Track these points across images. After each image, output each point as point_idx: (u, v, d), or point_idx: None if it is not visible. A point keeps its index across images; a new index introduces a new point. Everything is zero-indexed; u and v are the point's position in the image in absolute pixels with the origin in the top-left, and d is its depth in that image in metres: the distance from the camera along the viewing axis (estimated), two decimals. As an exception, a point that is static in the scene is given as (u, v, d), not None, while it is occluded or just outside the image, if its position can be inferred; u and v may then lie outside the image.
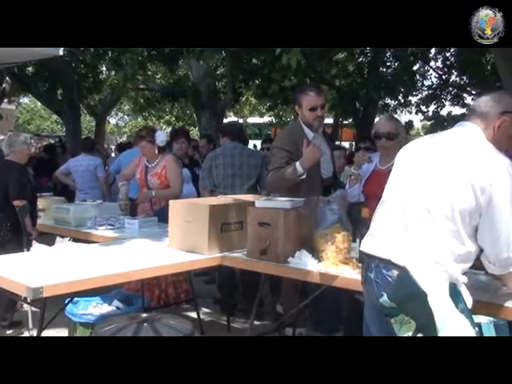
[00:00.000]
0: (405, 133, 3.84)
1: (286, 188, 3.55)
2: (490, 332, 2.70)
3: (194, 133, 18.21)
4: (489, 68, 9.77)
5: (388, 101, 13.24)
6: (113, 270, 2.79)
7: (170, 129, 19.22)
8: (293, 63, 4.63)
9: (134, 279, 3.35)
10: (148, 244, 3.52)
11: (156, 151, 4.61)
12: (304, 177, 3.51)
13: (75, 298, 3.66)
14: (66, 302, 3.46)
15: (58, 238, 3.81)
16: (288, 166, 3.52)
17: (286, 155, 3.57)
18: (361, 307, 2.45)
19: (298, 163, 3.46)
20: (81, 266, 2.82)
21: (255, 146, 13.36)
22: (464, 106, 13.36)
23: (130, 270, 2.86)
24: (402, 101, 13.32)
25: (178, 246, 3.32)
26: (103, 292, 3.75)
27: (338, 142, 14.40)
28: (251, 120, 22.24)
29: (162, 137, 4.61)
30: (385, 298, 1.96)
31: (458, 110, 13.46)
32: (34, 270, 2.76)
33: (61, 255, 3.18)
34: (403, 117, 14.83)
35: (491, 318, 2.66)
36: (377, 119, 15.40)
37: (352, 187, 3.71)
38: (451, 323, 1.79)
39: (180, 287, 4.76)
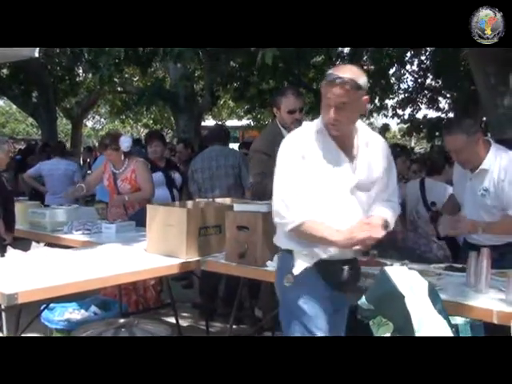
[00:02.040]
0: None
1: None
2: (466, 333, 2.74)
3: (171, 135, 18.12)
4: (462, 70, 9.91)
5: (365, 104, 13.35)
6: (89, 276, 2.76)
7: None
8: (268, 61, 4.63)
9: (111, 284, 3.32)
10: (125, 249, 3.49)
11: (122, 157, 4.55)
12: None
13: (51, 304, 3.61)
14: (42, 308, 3.41)
15: (34, 243, 3.76)
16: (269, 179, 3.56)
17: (265, 158, 3.57)
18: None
19: None
20: (57, 272, 2.79)
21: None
22: (439, 109, 13.54)
23: (107, 276, 2.83)
24: (379, 104, 13.45)
25: (155, 251, 3.30)
26: (80, 298, 3.71)
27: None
28: (229, 123, 22.22)
29: (126, 142, 4.53)
30: (363, 300, 1.97)
31: (433, 114, 13.63)
32: (9, 275, 2.72)
33: (36, 261, 3.14)
34: (380, 120, 14.97)
35: (468, 319, 2.70)
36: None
37: None
38: (428, 324, 1.81)
39: (158, 292, 4.73)
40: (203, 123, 13.87)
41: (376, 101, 13.15)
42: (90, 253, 3.36)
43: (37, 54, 4.05)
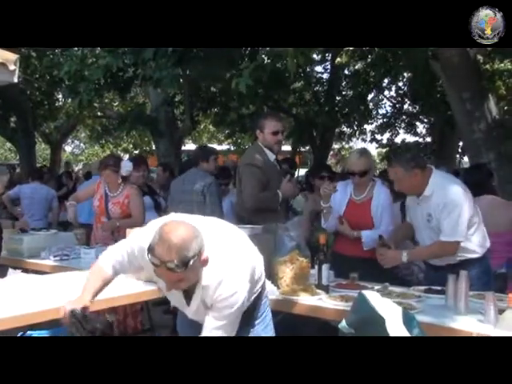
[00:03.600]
0: (374, 164, 4.02)
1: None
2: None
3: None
4: (438, 95, 10.11)
5: (344, 129, 13.52)
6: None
7: (127, 157, 19.04)
8: (242, 88, 4.70)
9: (90, 311, 3.26)
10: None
11: (119, 180, 4.54)
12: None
13: (28, 332, 3.53)
14: (19, 335, 3.34)
15: (11, 270, 3.69)
16: (270, 193, 3.88)
17: (257, 171, 3.83)
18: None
19: (280, 192, 3.89)
20: (33, 299, 2.74)
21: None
22: (416, 133, 13.76)
23: (86, 301, 2.78)
24: (357, 129, 13.62)
25: (135, 276, 3.26)
26: (57, 325, 3.63)
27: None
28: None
29: (127, 167, 4.55)
30: (343, 323, 1.97)
31: (411, 138, 13.85)
32: (-16, 303, 2.67)
33: (12, 287, 3.08)
34: (359, 144, 15.13)
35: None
36: (334, 146, 15.74)
37: (327, 220, 3.80)
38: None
39: (138, 317, 4.66)
40: (183, 147, 13.88)
41: (355, 125, 13.33)
42: (67, 279, 3.31)
43: (16, 80, 4.03)
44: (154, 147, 13.21)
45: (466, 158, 6.62)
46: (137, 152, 19.85)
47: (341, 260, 3.59)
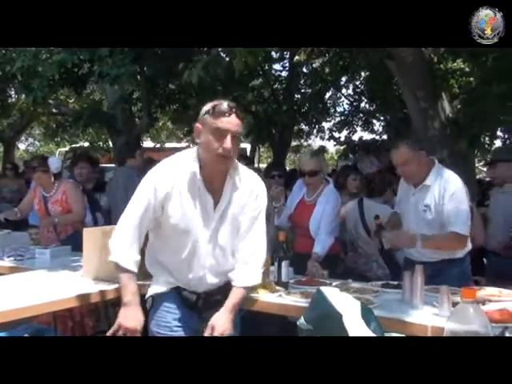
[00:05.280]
0: (327, 166, 4.06)
1: None
2: (402, 349, 2.79)
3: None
4: (394, 94, 10.28)
5: (303, 126, 13.61)
6: (21, 304, 2.64)
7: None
8: (194, 79, 4.68)
9: (45, 312, 3.19)
10: (60, 274, 3.38)
11: (52, 179, 4.43)
12: None
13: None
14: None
15: (-38, 272, 3.57)
16: None
17: None
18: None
19: None
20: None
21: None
22: (373, 131, 13.96)
23: (41, 303, 2.73)
24: (315, 127, 13.73)
25: (92, 276, 3.21)
26: (12, 327, 3.54)
27: (256, 165, 14.61)
28: (169, 145, 22.04)
29: (56, 163, 4.44)
30: (302, 320, 1.98)
31: (368, 136, 14.05)
32: None
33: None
34: (317, 142, 15.27)
35: (403, 335, 2.76)
36: (293, 143, 15.82)
37: (279, 219, 3.87)
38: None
39: (96, 318, 4.58)
40: (142, 145, 13.70)
41: (313, 123, 13.44)
42: (22, 279, 3.23)
43: (-34, 75, 3.90)
44: (111, 145, 13.00)
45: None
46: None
47: (300, 259, 3.62)
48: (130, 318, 2.36)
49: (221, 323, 2.35)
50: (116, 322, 2.38)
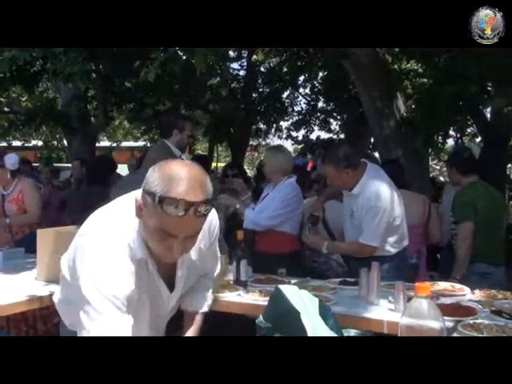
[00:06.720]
0: (291, 163, 4.11)
1: None
2: (359, 344, 2.83)
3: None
4: (350, 94, 10.43)
5: (261, 125, 13.65)
6: (-28, 308, 2.56)
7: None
8: (151, 78, 4.65)
9: (-3, 316, 3.10)
10: (13, 277, 3.29)
11: (9, 175, 4.29)
12: None
13: None
14: None
15: None
16: None
17: None
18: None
19: None
20: None
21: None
22: (330, 130, 14.12)
23: (-8, 307, 2.64)
24: (273, 126, 13.79)
25: (46, 278, 3.14)
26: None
27: (214, 164, 14.61)
28: (125, 144, 21.75)
29: (12, 159, 4.30)
30: (260, 318, 1.98)
31: (325, 135, 14.18)
32: None
33: None
34: (275, 141, 15.32)
35: (359, 331, 2.81)
36: (252, 143, 15.85)
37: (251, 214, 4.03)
38: (324, 339, 1.85)
39: (50, 321, 4.48)
40: (98, 144, 13.48)
41: (271, 122, 13.49)
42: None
43: None
44: (65, 144, 12.73)
45: (376, 154, 6.88)
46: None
47: (262, 257, 3.65)
48: None
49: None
50: None
